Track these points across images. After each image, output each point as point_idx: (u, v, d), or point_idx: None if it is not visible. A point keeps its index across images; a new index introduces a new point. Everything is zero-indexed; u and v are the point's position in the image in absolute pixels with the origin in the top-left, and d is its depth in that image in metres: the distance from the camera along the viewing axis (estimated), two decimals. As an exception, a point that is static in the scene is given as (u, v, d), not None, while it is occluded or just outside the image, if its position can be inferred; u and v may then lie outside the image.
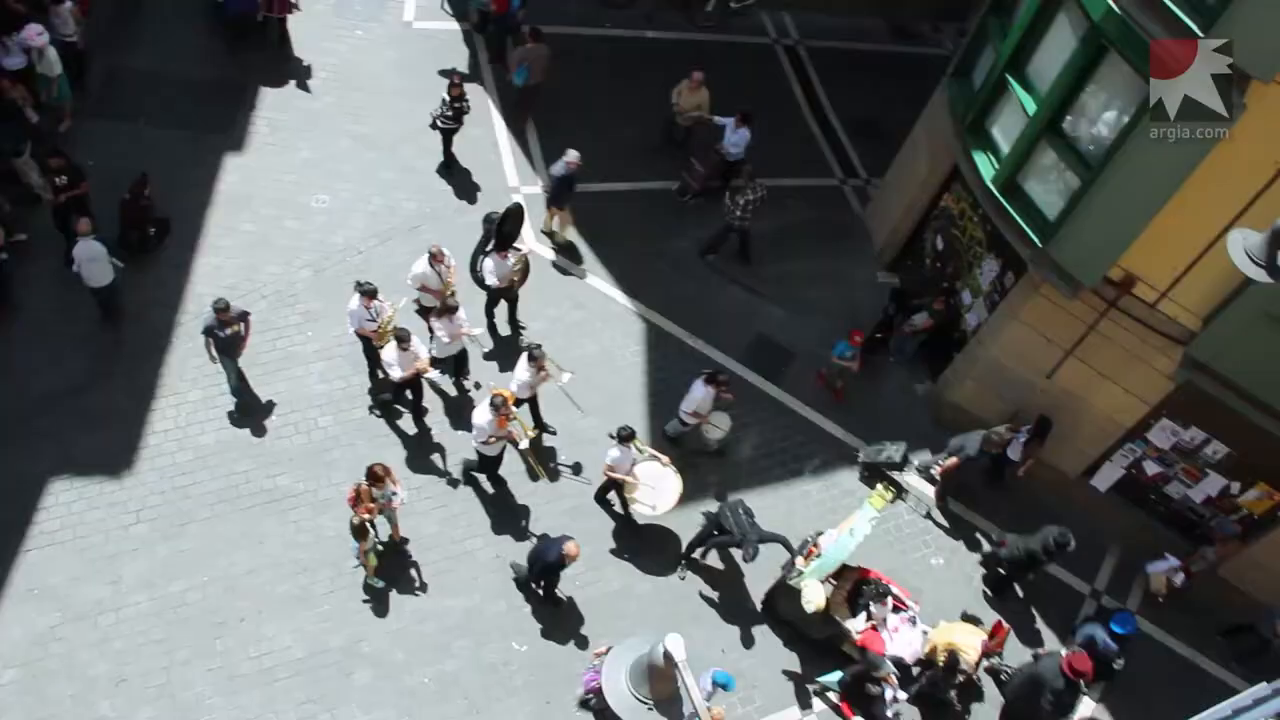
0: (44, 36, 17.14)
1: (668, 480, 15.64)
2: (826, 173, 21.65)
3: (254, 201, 18.34)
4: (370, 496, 13.87)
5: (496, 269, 16.66)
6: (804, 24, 24.23)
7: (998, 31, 16.00)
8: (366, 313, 15.46)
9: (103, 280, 15.92)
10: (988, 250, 17.27)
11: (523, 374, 15.55)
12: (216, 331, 14.76)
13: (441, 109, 18.58)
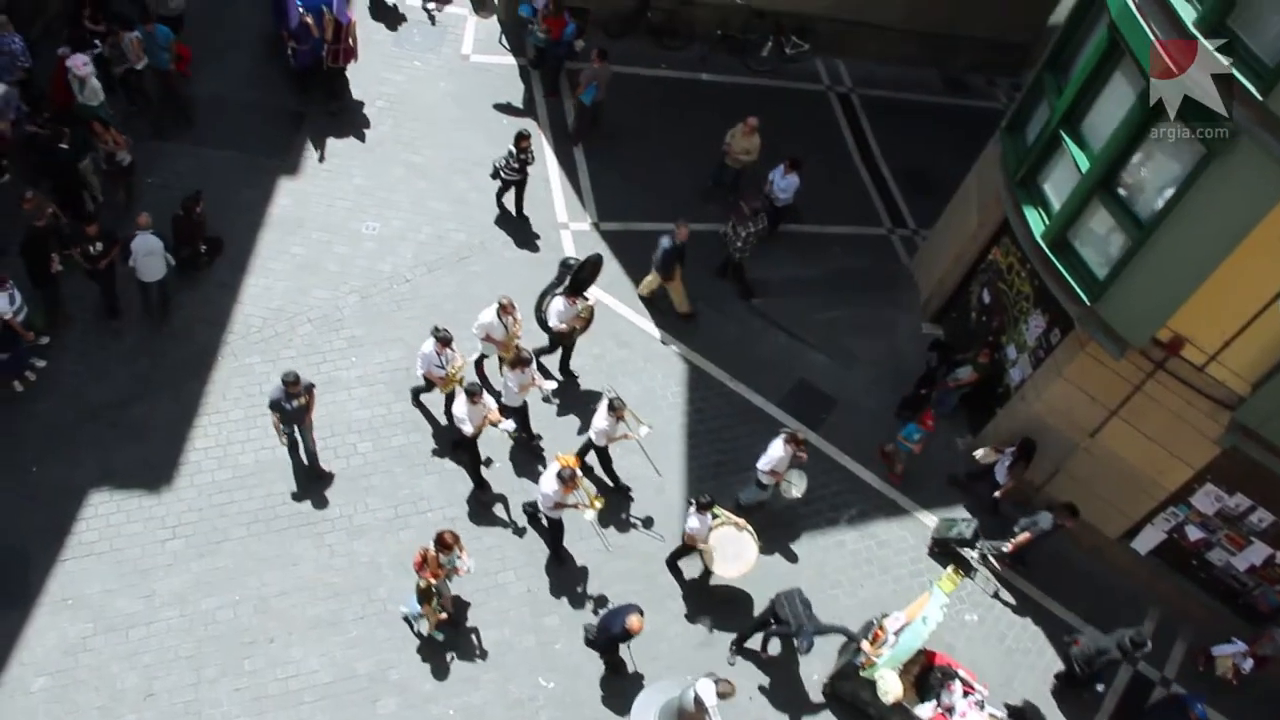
0: (88, 67, 17.42)
1: (745, 546, 15.41)
2: (875, 221, 21.62)
3: (305, 226, 18.56)
4: (437, 563, 13.68)
5: (563, 313, 16.58)
6: (858, 72, 24.29)
7: (1053, 87, 15.96)
8: (438, 359, 15.41)
9: (156, 275, 16.40)
10: (1034, 306, 17.15)
11: (601, 423, 15.39)
12: (284, 404, 14.63)
13: (508, 160, 18.59)
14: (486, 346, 16.54)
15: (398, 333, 17.55)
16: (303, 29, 19.20)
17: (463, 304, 18.05)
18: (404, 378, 17.00)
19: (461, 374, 15.66)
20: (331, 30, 19.30)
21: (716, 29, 23.08)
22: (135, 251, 16.04)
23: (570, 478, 14.32)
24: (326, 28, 19.27)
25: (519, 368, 15.51)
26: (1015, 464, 16.77)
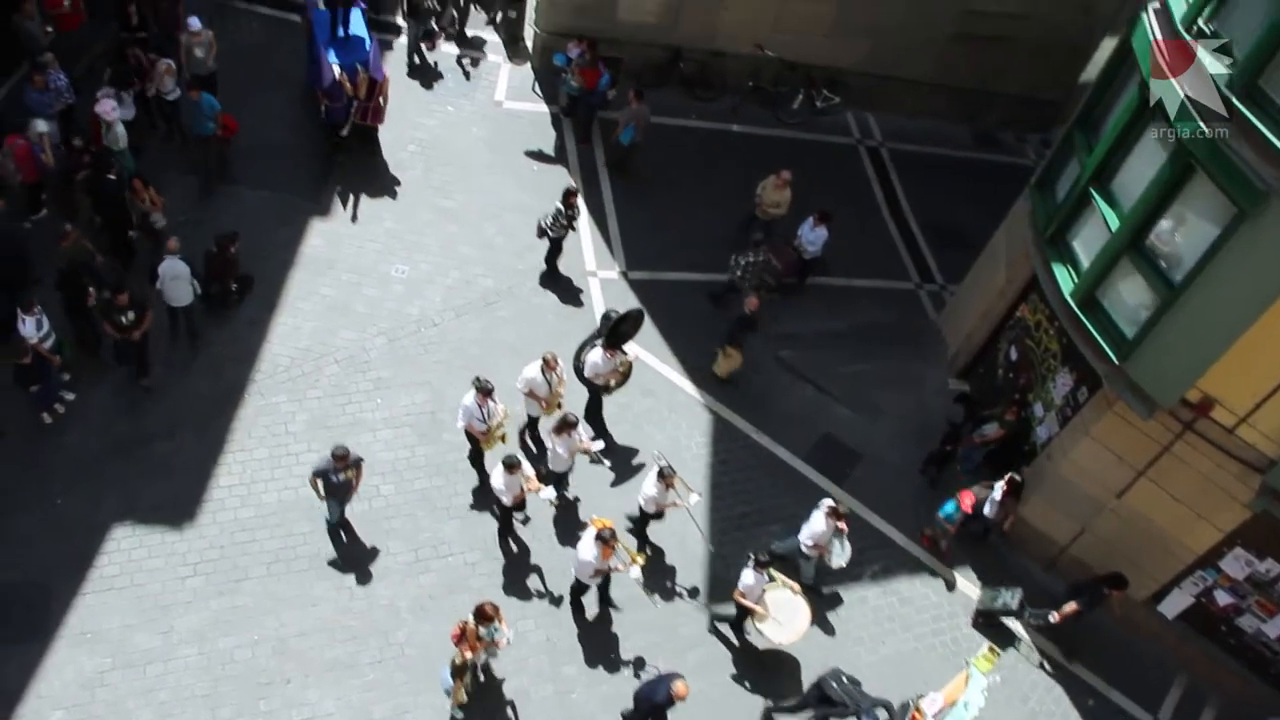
0: (116, 112, 17.68)
1: (799, 612, 15.25)
2: (903, 275, 21.61)
3: (335, 267, 18.69)
4: (476, 636, 13.37)
5: (600, 365, 16.51)
6: (888, 126, 24.39)
7: (1083, 145, 15.95)
8: (479, 411, 15.31)
9: (183, 300, 16.67)
10: (1062, 364, 17.05)
11: (650, 490, 15.30)
12: (331, 476, 14.54)
13: (556, 218, 18.57)
14: (529, 403, 16.41)
15: (424, 376, 17.61)
16: (336, 87, 19.20)
17: (489, 349, 18.14)
18: (429, 421, 17.04)
19: (504, 431, 15.58)
20: (365, 88, 19.37)
21: (748, 80, 23.25)
22: (162, 275, 16.29)
23: (611, 538, 14.17)
24: (360, 85, 19.33)
25: (565, 432, 15.41)
26: (1005, 499, 16.68)
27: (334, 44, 19.90)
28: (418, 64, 22.34)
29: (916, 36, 22.88)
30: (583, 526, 15.82)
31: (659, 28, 22.61)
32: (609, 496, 16.80)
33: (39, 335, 15.21)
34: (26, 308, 15.07)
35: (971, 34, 22.91)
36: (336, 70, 19.21)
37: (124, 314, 15.50)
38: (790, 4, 22.27)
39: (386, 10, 22.95)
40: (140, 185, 17.10)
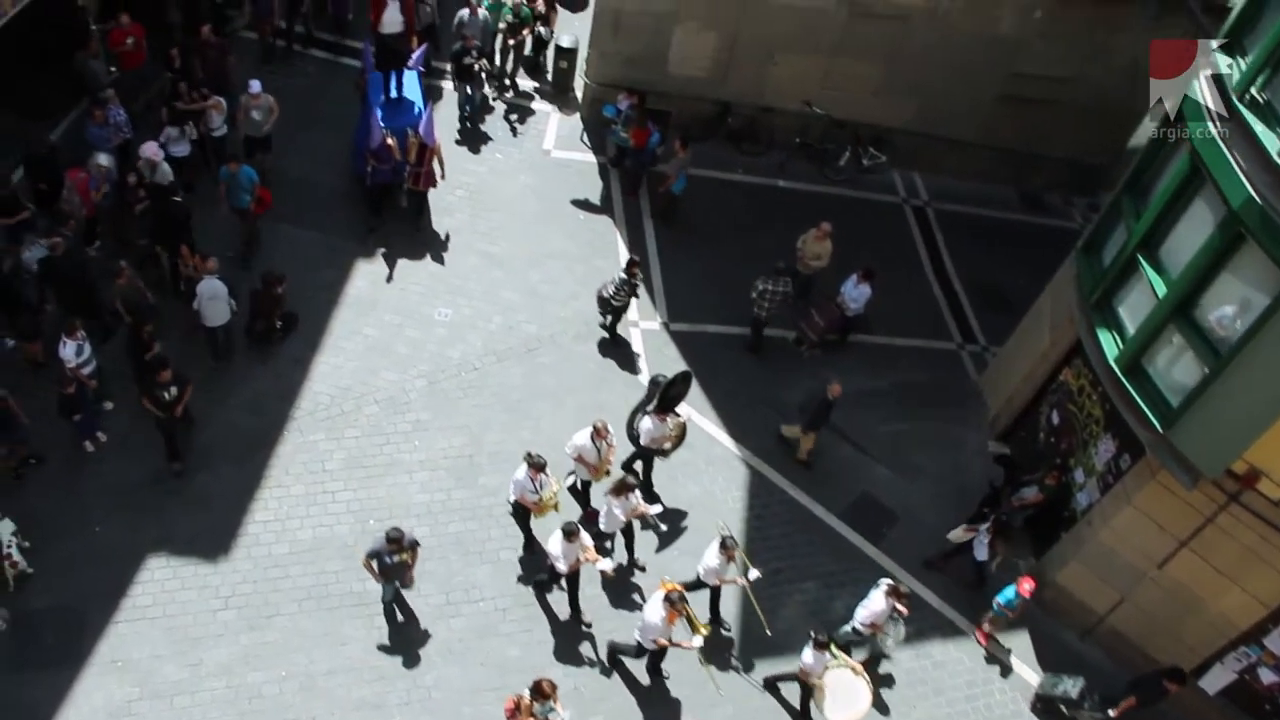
0: (160, 154, 18.03)
1: (859, 693, 15.01)
2: (945, 336, 21.50)
3: (379, 308, 18.85)
4: (530, 711, 13.22)
5: (654, 430, 16.42)
6: (934, 186, 24.37)
7: (1131, 210, 15.88)
8: (531, 485, 15.22)
9: (220, 320, 16.95)
10: (1105, 430, 16.87)
11: (711, 561, 15.12)
12: (385, 558, 14.34)
13: (618, 287, 18.58)
14: (579, 469, 16.33)
15: (463, 420, 17.67)
16: (384, 149, 19.06)
17: (529, 394, 18.19)
18: (466, 465, 17.08)
19: (556, 500, 15.50)
20: (415, 153, 19.22)
21: (795, 137, 23.36)
22: (200, 295, 16.59)
23: (679, 601, 14.05)
24: (410, 150, 19.18)
25: (623, 494, 15.35)
26: (994, 541, 16.61)
27: (385, 106, 19.91)
28: (469, 126, 22.45)
29: (963, 97, 22.93)
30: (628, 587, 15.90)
31: (708, 82, 22.80)
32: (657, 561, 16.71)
33: (78, 360, 15.42)
34: (69, 331, 15.30)
35: (1018, 96, 22.91)
36: (385, 133, 19.10)
37: (166, 390, 15.31)
38: (839, 62, 22.41)
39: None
40: (187, 252, 17.09)
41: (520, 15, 22.82)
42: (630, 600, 16.11)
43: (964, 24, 21.78)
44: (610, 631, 15.70)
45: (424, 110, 19.84)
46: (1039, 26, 21.82)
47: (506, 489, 15.92)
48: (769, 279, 19.06)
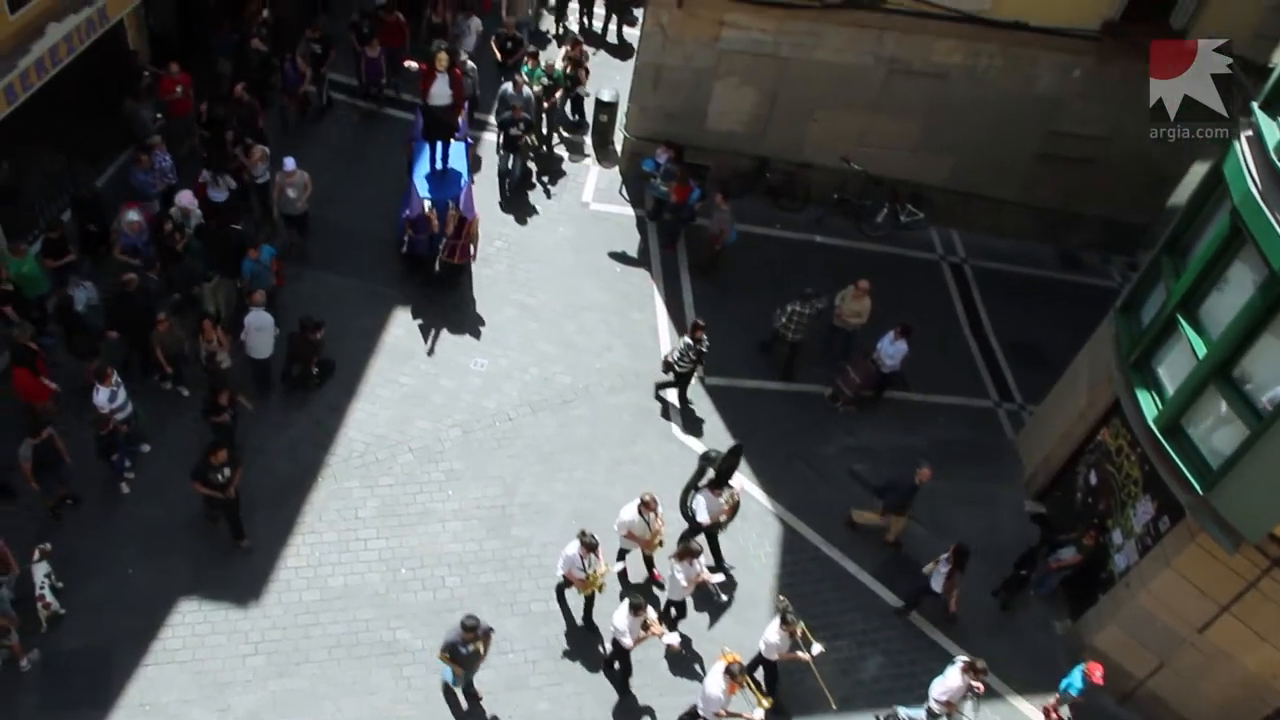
0: (194, 203, 18.40)
1: None
2: (982, 394, 21.34)
3: (415, 357, 18.97)
4: None
5: (709, 506, 16.31)
6: (972, 243, 24.31)
7: (1170, 270, 15.77)
8: (580, 563, 15.09)
9: (264, 352, 17.32)
10: (1143, 491, 16.64)
11: (772, 636, 14.90)
12: (460, 648, 14.15)
13: (684, 353, 18.50)
14: (627, 543, 16.20)
15: (497, 470, 17.69)
16: (421, 219, 19.20)
17: (562, 446, 18.20)
18: (499, 516, 17.10)
19: (603, 580, 15.39)
20: (454, 225, 19.29)
21: (833, 193, 23.42)
22: (248, 327, 16.93)
23: (740, 673, 13.92)
24: (449, 222, 19.24)
25: (687, 559, 15.26)
26: (952, 572, 16.37)
27: (429, 176, 19.94)
28: (508, 196, 22.42)
29: (1001, 155, 22.93)
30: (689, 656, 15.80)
31: (747, 137, 22.96)
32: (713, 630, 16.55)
33: (111, 406, 15.58)
34: (103, 378, 15.49)
35: (1056, 154, 22.89)
36: (426, 204, 19.21)
37: (219, 471, 15.14)
38: (877, 119, 22.51)
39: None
40: (209, 325, 16.87)
41: (553, 77, 23.13)
42: (690, 670, 15.91)
43: (1002, 82, 21.84)
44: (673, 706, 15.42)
45: (466, 183, 19.99)
46: (1077, 85, 21.84)
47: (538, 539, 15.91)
48: (800, 301, 19.27)
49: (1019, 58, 21.50)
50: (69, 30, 17.83)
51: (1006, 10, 20.66)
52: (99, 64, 19.00)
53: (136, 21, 20.14)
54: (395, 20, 23.14)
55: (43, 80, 17.57)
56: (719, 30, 21.31)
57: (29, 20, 17.19)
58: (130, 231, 17.74)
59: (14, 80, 16.90)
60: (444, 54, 19.23)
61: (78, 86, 18.63)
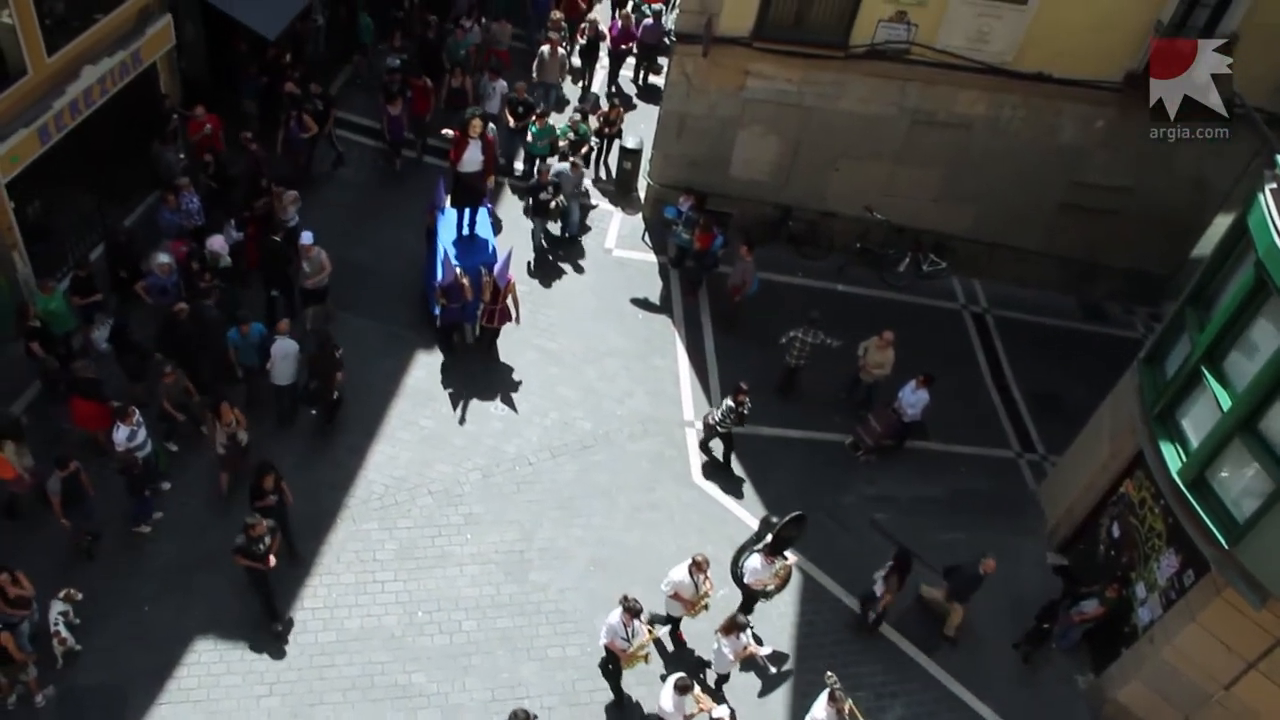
0: (224, 248, 18.68)
1: None
2: (1003, 444, 21.23)
3: (436, 400, 19.01)
4: None
5: (760, 571, 16.10)
6: (994, 293, 24.30)
7: (1194, 322, 15.71)
8: (624, 630, 14.81)
9: (287, 379, 17.42)
10: (1167, 544, 16.48)
11: (819, 713, 14.62)
12: None
13: (725, 415, 18.43)
14: (672, 605, 16.00)
15: (516, 514, 17.65)
16: (454, 287, 18.78)
17: (582, 491, 18.17)
18: (517, 560, 17.03)
19: (647, 650, 15.15)
20: (489, 292, 18.94)
21: (856, 241, 23.49)
22: (274, 355, 17.06)
23: None
24: (485, 289, 18.91)
25: (733, 633, 15.11)
26: (889, 576, 16.32)
27: (458, 243, 19.69)
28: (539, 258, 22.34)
29: (1023, 205, 22.98)
30: None
31: (770, 186, 23.07)
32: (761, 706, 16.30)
33: (128, 445, 15.64)
34: (124, 417, 15.56)
35: (1079, 205, 22.94)
36: (458, 271, 18.82)
37: (260, 543, 14.77)
38: (900, 169, 22.60)
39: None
40: (226, 408, 16.24)
41: (579, 132, 23.22)
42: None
43: (1025, 133, 21.94)
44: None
45: (496, 247, 19.90)
46: (1100, 136, 21.93)
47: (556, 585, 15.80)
48: (805, 329, 19.51)
49: (1042, 109, 21.62)
50: (103, 73, 18.17)
51: (1029, 62, 20.82)
52: (130, 105, 19.32)
53: (169, 65, 20.48)
54: (423, 85, 23.20)
55: (76, 121, 17.87)
56: (744, 80, 21.51)
57: (65, 63, 17.53)
58: (160, 274, 17.90)
59: (48, 121, 17.20)
60: (478, 120, 19.25)
61: (109, 127, 18.95)
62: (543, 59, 24.71)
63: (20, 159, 16.94)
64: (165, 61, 20.23)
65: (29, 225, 17.99)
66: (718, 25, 20.65)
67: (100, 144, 18.90)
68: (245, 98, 22.31)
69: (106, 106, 18.53)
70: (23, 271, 17.84)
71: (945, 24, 20.52)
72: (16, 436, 15.69)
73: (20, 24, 16.32)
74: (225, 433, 16.18)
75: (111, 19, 18.37)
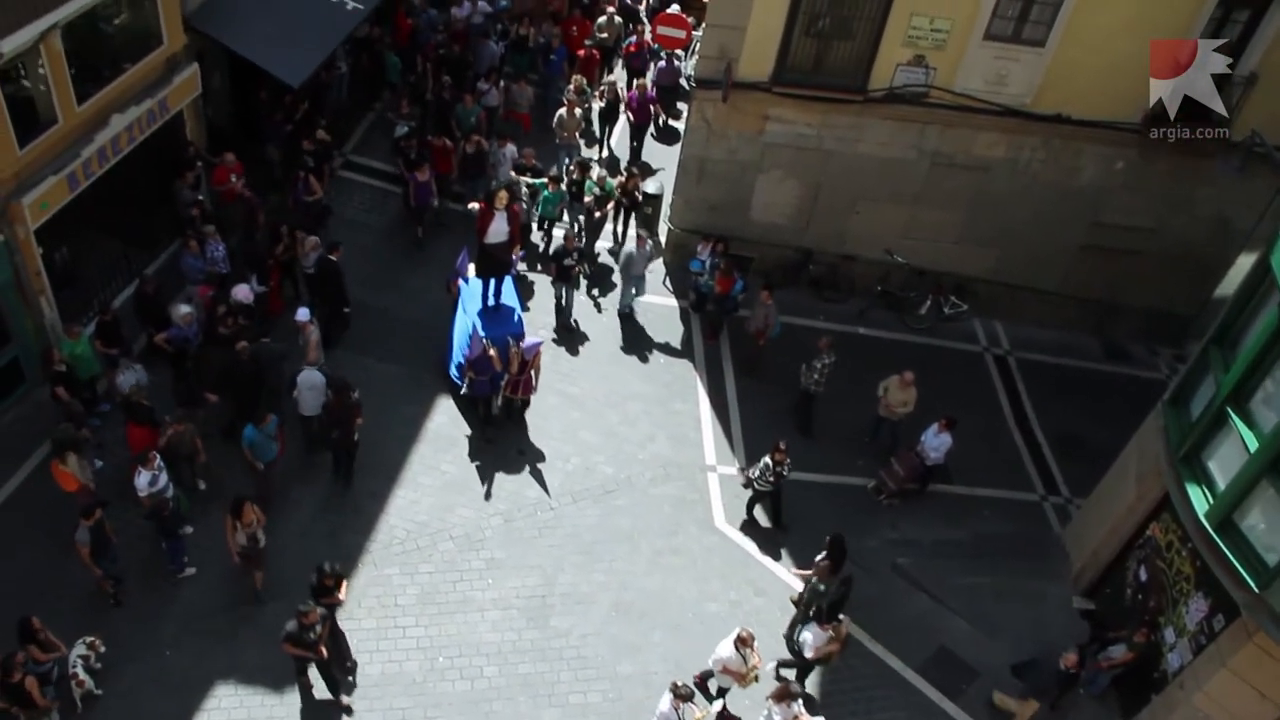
0: (250, 297, 18.80)
1: None
2: (1027, 487, 21.06)
3: (458, 444, 19.02)
4: None
5: (817, 641, 15.95)
6: (1016, 335, 24.20)
7: (1219, 362, 15.60)
8: (675, 714, 14.66)
9: (313, 409, 17.65)
10: (1196, 588, 16.27)
11: None
12: None
13: (763, 472, 18.28)
14: (723, 679, 15.87)
15: (537, 559, 17.60)
16: (483, 360, 18.45)
17: (603, 536, 18.13)
18: (539, 605, 16.98)
19: None
20: (517, 363, 18.60)
21: (876, 284, 23.48)
22: (300, 385, 17.37)
23: None
24: (512, 361, 18.55)
25: (786, 701, 14.93)
26: (821, 561, 16.32)
27: (484, 315, 19.39)
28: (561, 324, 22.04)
29: (1045, 247, 22.95)
30: None
31: (790, 229, 23.12)
32: None
33: (150, 489, 15.69)
34: (146, 462, 15.63)
35: (1101, 246, 22.89)
36: (486, 344, 18.51)
37: (312, 630, 14.43)
38: (920, 212, 22.62)
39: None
40: (249, 506, 15.67)
41: (605, 189, 23.07)
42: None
43: (1045, 174, 21.95)
44: None
45: (522, 316, 19.75)
46: (1121, 177, 21.90)
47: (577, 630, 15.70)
48: (823, 355, 19.71)
49: (1061, 150, 21.64)
50: (131, 120, 18.41)
51: (1047, 104, 20.87)
52: (157, 152, 19.57)
53: (195, 112, 20.72)
54: (443, 145, 23.13)
55: (104, 168, 18.10)
56: (763, 124, 21.62)
57: (94, 111, 17.79)
58: (182, 324, 18.03)
59: (77, 168, 17.43)
60: (504, 193, 19.02)
61: (135, 174, 19.19)
62: (560, 120, 24.60)
63: (50, 205, 17.15)
64: (192, 109, 20.48)
65: (56, 271, 18.20)
66: (737, 70, 20.81)
67: (126, 190, 19.10)
68: (269, 144, 22.50)
69: (133, 153, 18.76)
70: (49, 316, 17.99)
71: (963, 67, 20.61)
72: (78, 449, 15.98)
73: (52, 74, 16.60)
74: (246, 533, 15.51)
75: (140, 68, 18.63)
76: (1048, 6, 19.81)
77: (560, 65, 27.03)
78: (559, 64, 27.04)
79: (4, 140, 16.12)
